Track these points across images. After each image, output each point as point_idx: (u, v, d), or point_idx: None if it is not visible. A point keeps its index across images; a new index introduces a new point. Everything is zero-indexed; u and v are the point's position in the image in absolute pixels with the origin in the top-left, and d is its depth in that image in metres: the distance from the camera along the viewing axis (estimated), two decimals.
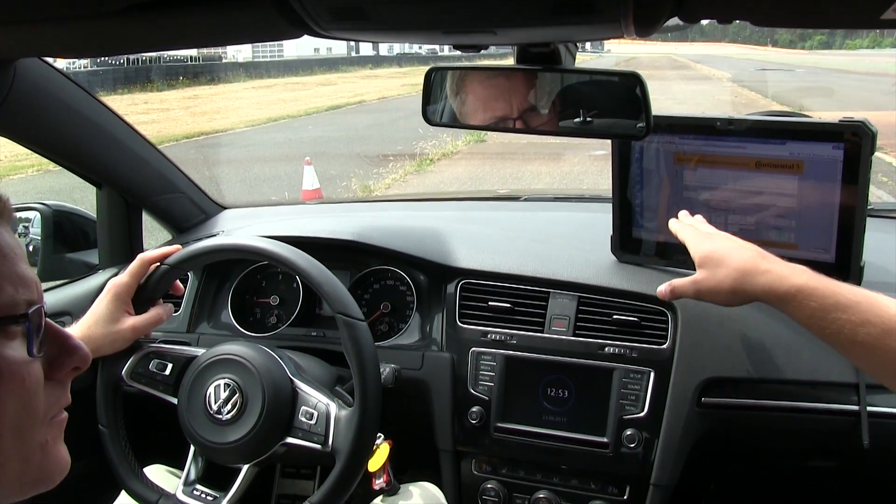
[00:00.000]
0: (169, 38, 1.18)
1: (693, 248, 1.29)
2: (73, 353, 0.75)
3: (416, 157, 11.90)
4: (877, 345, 1.05)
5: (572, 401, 1.56)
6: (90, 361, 0.77)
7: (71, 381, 0.77)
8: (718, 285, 1.21)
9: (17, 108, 1.46)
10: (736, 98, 20.95)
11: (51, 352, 0.73)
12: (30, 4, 0.92)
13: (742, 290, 1.19)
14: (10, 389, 0.67)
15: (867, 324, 1.05)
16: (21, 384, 0.68)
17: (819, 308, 1.09)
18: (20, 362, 0.68)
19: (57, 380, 0.74)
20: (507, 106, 1.20)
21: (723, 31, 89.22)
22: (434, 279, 1.75)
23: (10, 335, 0.68)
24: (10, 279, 0.69)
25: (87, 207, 2.07)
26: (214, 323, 1.84)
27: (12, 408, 0.67)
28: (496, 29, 0.91)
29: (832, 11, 0.84)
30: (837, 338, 1.08)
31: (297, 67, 37.98)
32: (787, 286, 1.13)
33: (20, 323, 0.69)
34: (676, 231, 1.36)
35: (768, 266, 1.17)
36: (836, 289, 1.10)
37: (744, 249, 1.22)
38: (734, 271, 1.19)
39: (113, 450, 1.47)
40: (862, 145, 1.35)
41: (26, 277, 0.71)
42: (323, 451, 1.36)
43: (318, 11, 0.82)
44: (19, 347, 0.69)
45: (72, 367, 0.75)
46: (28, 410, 0.69)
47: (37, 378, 0.70)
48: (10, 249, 0.70)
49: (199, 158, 12.46)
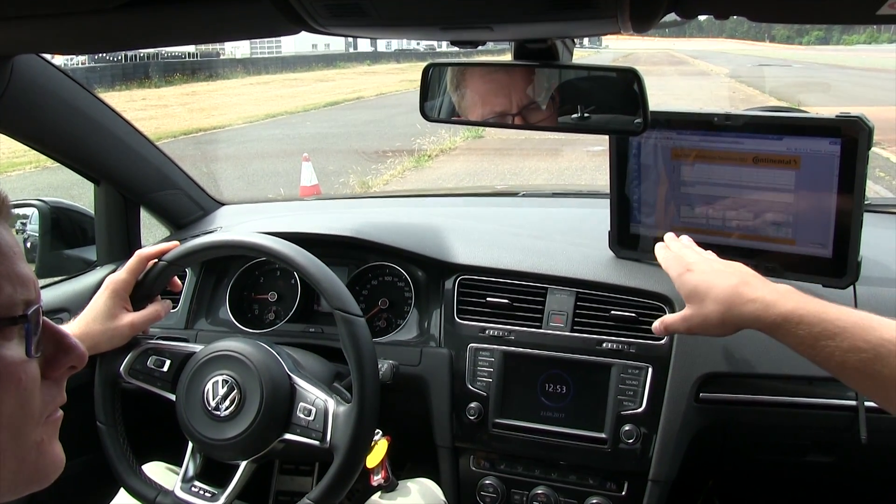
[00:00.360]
0: (166, 34, 1.19)
1: (677, 284, 1.27)
2: (69, 351, 0.75)
3: (415, 153, 11.90)
4: (867, 370, 1.03)
5: (570, 396, 1.56)
6: (87, 360, 0.77)
7: (67, 379, 0.77)
8: (706, 320, 1.20)
9: (15, 105, 1.46)
10: (733, 93, 20.98)
11: (47, 351, 0.73)
12: (27, 1, 0.92)
13: (730, 321, 1.17)
14: (6, 389, 0.67)
15: (856, 350, 1.03)
16: (18, 384, 0.68)
17: (807, 336, 1.08)
18: (17, 362, 0.68)
19: (53, 378, 0.74)
20: (504, 102, 1.20)
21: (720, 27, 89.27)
22: (432, 275, 1.75)
23: (8, 335, 0.68)
24: (9, 278, 0.69)
25: (85, 204, 2.07)
26: (212, 319, 1.84)
27: (9, 407, 0.67)
28: (493, 25, 0.91)
29: (829, 7, 0.84)
30: (828, 364, 1.07)
31: (295, 64, 37.96)
32: (774, 315, 1.11)
33: (19, 323, 0.69)
34: (661, 261, 1.34)
35: (753, 294, 1.15)
36: (823, 314, 1.07)
37: (727, 277, 1.20)
38: (719, 304, 1.17)
39: (111, 446, 1.47)
40: (859, 140, 1.36)
41: (25, 276, 0.70)
42: (321, 447, 1.36)
43: (315, 7, 0.82)
44: (17, 347, 0.69)
45: (68, 366, 0.75)
46: (24, 409, 0.69)
47: (33, 377, 0.70)
48: (8, 248, 0.70)
49: (197, 155, 12.47)
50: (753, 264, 1.51)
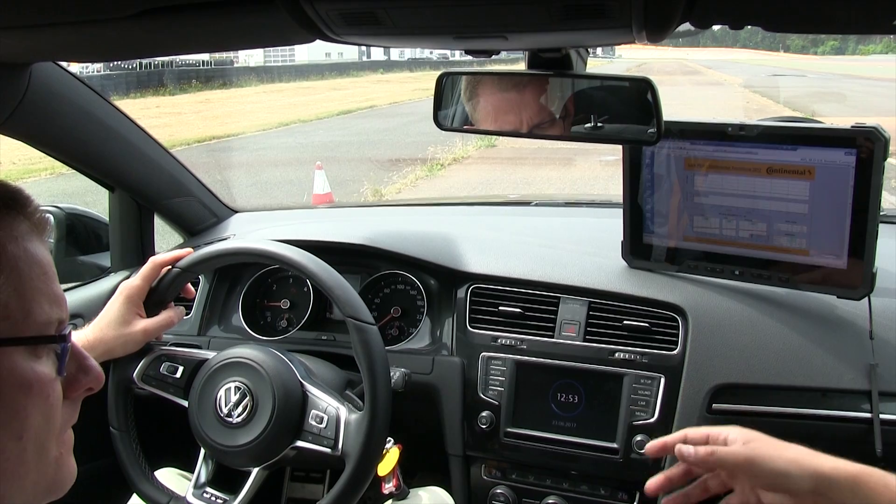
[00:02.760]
0: (182, 42, 1.19)
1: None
2: (88, 372, 0.77)
3: (427, 162, 11.91)
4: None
5: (582, 406, 1.56)
6: (103, 383, 0.79)
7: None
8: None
9: (32, 112, 1.47)
10: (748, 103, 20.90)
11: (70, 370, 0.75)
12: (45, 9, 0.93)
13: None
14: (36, 405, 0.69)
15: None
16: (46, 400, 0.70)
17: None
18: (49, 380, 0.71)
19: (71, 398, 0.76)
20: (518, 111, 1.20)
21: (735, 37, 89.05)
22: (444, 284, 1.75)
23: (40, 352, 0.71)
24: (47, 296, 0.71)
25: (99, 211, 2.09)
26: (225, 326, 1.84)
27: (36, 421, 0.69)
28: (507, 34, 0.91)
29: (844, 16, 0.84)
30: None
31: (309, 72, 38.08)
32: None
33: (56, 343, 0.72)
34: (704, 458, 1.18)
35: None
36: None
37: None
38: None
39: (124, 452, 1.48)
40: (874, 151, 1.35)
41: (59, 296, 0.73)
42: (333, 454, 1.36)
43: (330, 16, 0.82)
44: (47, 364, 0.71)
45: (87, 387, 0.78)
46: (49, 425, 0.71)
47: (59, 395, 0.73)
48: (49, 266, 0.73)
49: (211, 162, 12.53)
50: (767, 275, 1.51)
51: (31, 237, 0.72)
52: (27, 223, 0.73)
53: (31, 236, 0.73)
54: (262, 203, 8.70)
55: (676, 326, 1.53)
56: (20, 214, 0.73)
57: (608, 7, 0.77)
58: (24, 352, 0.69)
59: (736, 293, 1.55)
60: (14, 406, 0.68)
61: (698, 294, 1.55)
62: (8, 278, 0.68)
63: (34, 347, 0.70)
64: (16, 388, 0.68)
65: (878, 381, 1.39)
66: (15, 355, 0.68)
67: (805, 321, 1.48)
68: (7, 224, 0.71)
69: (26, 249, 0.71)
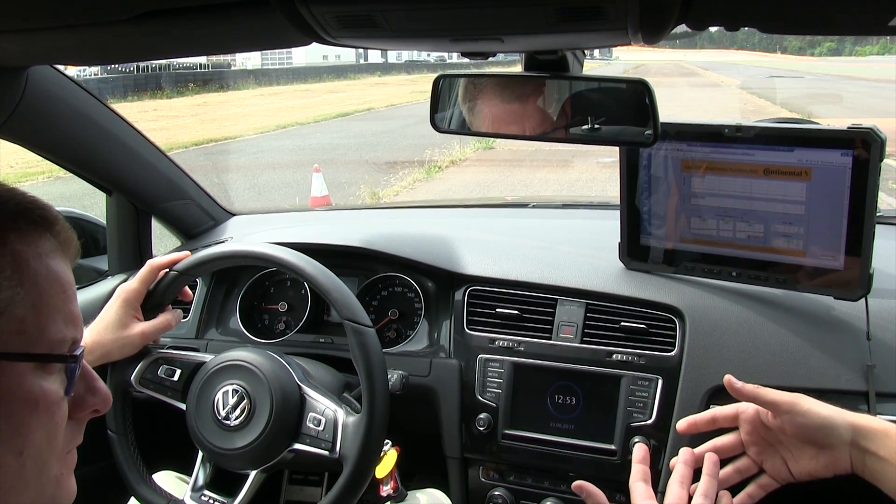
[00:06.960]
0: (179, 45, 1.19)
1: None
2: (96, 394, 0.78)
3: (425, 164, 11.92)
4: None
5: (580, 408, 1.56)
6: (110, 405, 0.80)
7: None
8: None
9: (29, 115, 1.47)
10: (745, 105, 20.94)
11: (77, 391, 0.75)
12: (41, 13, 0.93)
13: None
14: (40, 422, 0.70)
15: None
16: (51, 418, 0.71)
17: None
18: (56, 398, 0.71)
19: (77, 419, 0.76)
20: (515, 113, 1.20)
21: (731, 38, 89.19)
22: (442, 286, 1.75)
23: (50, 370, 0.71)
24: (64, 315, 0.72)
25: (96, 214, 2.09)
26: (223, 329, 1.84)
27: (38, 439, 0.70)
28: (504, 36, 0.91)
29: (841, 18, 0.84)
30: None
31: (306, 75, 38.10)
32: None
33: (67, 362, 0.72)
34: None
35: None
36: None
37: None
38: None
39: (122, 455, 1.48)
40: (871, 152, 1.35)
41: (76, 316, 0.74)
42: (330, 457, 1.36)
43: (326, 19, 0.82)
44: (55, 383, 0.71)
45: (93, 408, 0.78)
46: (51, 444, 0.71)
47: (64, 415, 0.73)
48: (69, 286, 0.74)
49: (208, 165, 12.53)
50: (764, 276, 1.51)
51: (54, 255, 0.74)
52: (53, 241, 0.74)
53: (55, 254, 0.74)
54: (260, 206, 8.71)
55: (674, 328, 1.53)
56: (47, 232, 0.74)
57: (604, 9, 0.77)
58: (34, 368, 0.69)
59: (733, 294, 1.55)
60: (18, 421, 0.68)
61: (695, 295, 1.55)
62: (28, 293, 0.69)
63: (44, 364, 0.70)
64: (21, 404, 0.68)
65: (875, 382, 1.39)
66: (24, 370, 0.68)
67: (802, 322, 1.48)
68: (33, 240, 0.72)
69: (48, 266, 0.72)
